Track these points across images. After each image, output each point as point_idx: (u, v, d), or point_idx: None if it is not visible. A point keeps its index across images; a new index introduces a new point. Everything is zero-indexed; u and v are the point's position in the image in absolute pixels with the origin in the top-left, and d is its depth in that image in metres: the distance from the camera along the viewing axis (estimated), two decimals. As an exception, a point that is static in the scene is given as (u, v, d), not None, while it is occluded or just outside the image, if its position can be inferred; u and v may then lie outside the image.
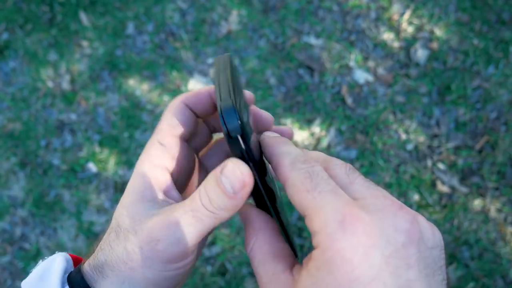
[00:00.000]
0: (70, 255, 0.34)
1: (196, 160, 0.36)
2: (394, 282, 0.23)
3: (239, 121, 0.26)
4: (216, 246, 1.43)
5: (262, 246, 0.30)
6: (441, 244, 0.26)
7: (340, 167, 0.29)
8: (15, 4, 1.76)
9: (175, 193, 0.32)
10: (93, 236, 1.45)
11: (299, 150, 0.30)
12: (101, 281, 0.30)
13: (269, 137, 0.32)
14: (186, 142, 0.34)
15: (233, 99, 0.27)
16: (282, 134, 0.34)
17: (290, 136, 0.36)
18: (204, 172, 0.37)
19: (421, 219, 0.25)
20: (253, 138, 0.30)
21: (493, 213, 1.44)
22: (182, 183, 0.35)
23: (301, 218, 1.46)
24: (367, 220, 0.24)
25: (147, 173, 0.31)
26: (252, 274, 1.41)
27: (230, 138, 0.27)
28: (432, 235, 0.25)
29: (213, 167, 0.31)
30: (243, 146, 0.27)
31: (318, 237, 0.24)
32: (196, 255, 0.32)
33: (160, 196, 0.31)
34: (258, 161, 0.30)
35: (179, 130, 0.33)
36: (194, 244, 0.29)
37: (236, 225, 1.44)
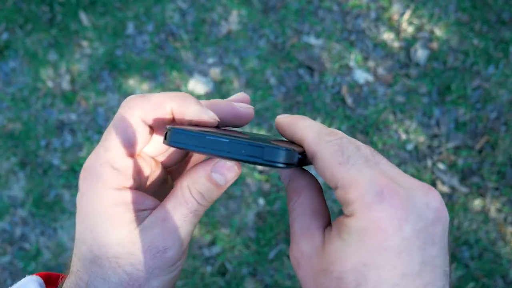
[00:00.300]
0: (40, 275, 0.34)
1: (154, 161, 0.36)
2: (419, 256, 0.24)
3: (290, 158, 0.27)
4: (216, 246, 1.43)
5: (305, 202, 0.30)
6: (448, 227, 0.27)
7: (365, 148, 0.29)
8: (15, 4, 1.76)
9: (148, 202, 0.32)
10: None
11: (319, 123, 0.31)
12: None
13: (285, 117, 0.32)
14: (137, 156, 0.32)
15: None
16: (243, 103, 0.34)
17: (247, 101, 0.35)
18: (162, 169, 0.36)
19: (444, 203, 0.27)
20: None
21: (493, 213, 1.44)
22: (147, 187, 0.34)
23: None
24: (403, 194, 0.25)
25: (112, 199, 0.30)
26: (252, 274, 1.41)
27: (288, 165, 0.28)
28: (448, 218, 0.27)
29: (170, 161, 0.35)
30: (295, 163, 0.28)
31: (354, 205, 0.25)
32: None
33: (139, 207, 0.31)
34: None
35: (132, 149, 0.31)
36: (191, 237, 0.32)
37: (236, 225, 1.44)
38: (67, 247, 1.44)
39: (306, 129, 0.30)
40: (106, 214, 0.30)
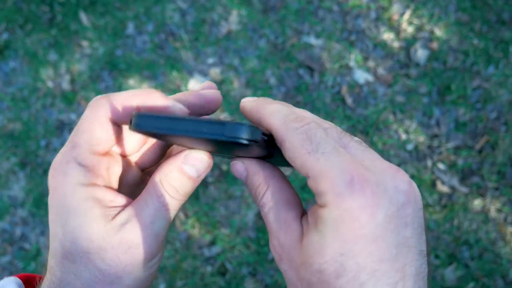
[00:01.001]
0: (19, 276, 0.34)
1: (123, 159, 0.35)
2: (394, 239, 0.25)
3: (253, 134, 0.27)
4: (216, 246, 1.43)
5: (275, 193, 0.30)
6: (422, 206, 0.27)
7: (332, 130, 0.29)
8: (15, 4, 1.76)
9: (120, 199, 0.31)
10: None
11: (286, 107, 0.30)
12: None
13: (250, 101, 0.31)
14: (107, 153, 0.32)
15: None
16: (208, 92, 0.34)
17: (214, 87, 0.35)
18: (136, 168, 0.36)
19: (414, 182, 0.27)
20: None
21: (493, 213, 1.44)
22: (121, 187, 0.34)
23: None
24: (373, 180, 0.25)
25: (81, 195, 0.29)
26: (252, 274, 1.41)
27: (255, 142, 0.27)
28: (419, 196, 0.27)
29: (145, 162, 0.34)
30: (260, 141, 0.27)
31: (326, 197, 0.25)
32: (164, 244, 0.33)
33: (109, 204, 0.30)
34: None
35: (99, 147, 0.31)
36: (166, 233, 0.31)
37: (236, 225, 1.44)
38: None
39: (272, 115, 0.29)
40: (75, 209, 0.29)
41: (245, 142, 0.26)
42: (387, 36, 1.66)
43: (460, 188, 1.47)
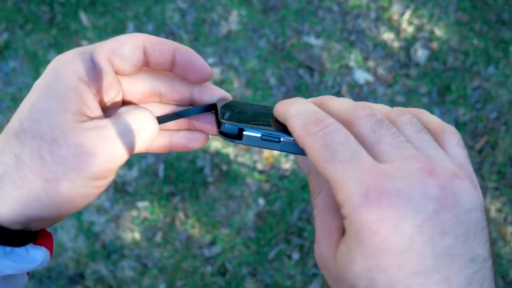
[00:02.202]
0: None
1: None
2: (430, 251, 0.23)
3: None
4: (216, 246, 1.43)
5: (326, 197, 0.28)
6: (481, 205, 0.25)
7: (365, 121, 0.26)
8: (15, 4, 1.76)
9: (98, 112, 0.31)
10: (93, 236, 1.45)
11: (310, 106, 0.28)
12: None
13: (280, 105, 0.30)
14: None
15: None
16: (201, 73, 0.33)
17: (209, 74, 0.34)
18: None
19: (457, 182, 0.24)
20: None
21: (493, 213, 1.44)
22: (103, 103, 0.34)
23: (301, 218, 1.45)
24: (392, 191, 0.23)
25: (71, 83, 0.29)
26: (252, 274, 1.41)
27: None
28: (469, 197, 0.24)
29: (138, 94, 0.34)
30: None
31: (345, 208, 0.24)
32: (114, 177, 0.32)
33: (86, 111, 0.29)
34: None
35: (123, 66, 0.31)
36: (123, 162, 0.30)
37: (236, 225, 1.44)
38: (67, 247, 1.44)
39: (293, 119, 0.28)
40: (57, 93, 0.28)
41: (221, 135, 0.30)
42: (387, 36, 1.66)
43: (460, 188, 1.47)
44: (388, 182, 0.23)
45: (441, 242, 0.23)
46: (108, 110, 0.33)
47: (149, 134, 0.31)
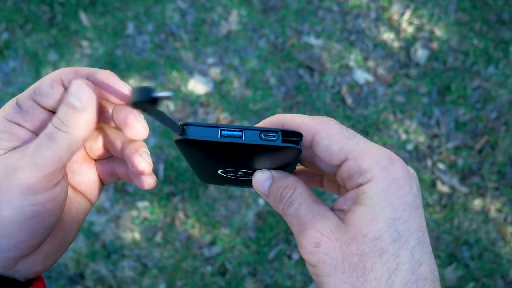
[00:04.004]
0: None
1: None
2: (422, 206, 0.30)
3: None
4: (216, 246, 1.43)
5: (303, 193, 0.32)
6: None
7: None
8: (15, 4, 1.76)
9: (28, 136, 0.32)
10: (93, 236, 1.45)
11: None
12: None
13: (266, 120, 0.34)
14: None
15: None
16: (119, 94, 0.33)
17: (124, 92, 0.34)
18: None
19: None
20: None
21: (493, 213, 1.44)
22: None
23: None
24: (402, 160, 0.30)
25: (1, 125, 0.31)
26: (252, 274, 1.41)
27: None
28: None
29: None
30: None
31: (372, 171, 0.29)
32: (63, 189, 0.31)
33: (11, 139, 0.31)
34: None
35: (46, 101, 0.32)
36: (54, 169, 0.30)
37: (236, 225, 1.44)
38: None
39: (297, 116, 0.32)
40: None
41: (297, 146, 0.30)
42: (387, 36, 1.66)
43: (460, 188, 1.47)
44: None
45: (422, 208, 0.30)
46: None
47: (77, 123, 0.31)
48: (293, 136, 0.30)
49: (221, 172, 0.37)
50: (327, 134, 0.30)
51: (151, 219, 1.46)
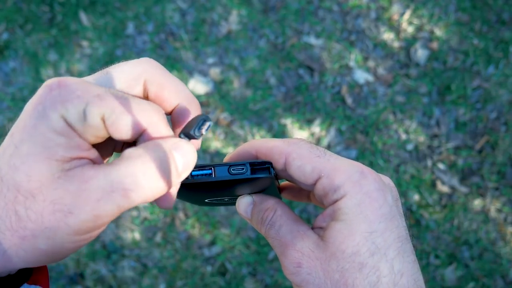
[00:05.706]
0: None
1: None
2: (402, 220, 0.30)
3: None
4: (216, 246, 1.43)
5: (284, 214, 0.32)
6: None
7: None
8: (15, 4, 1.76)
9: (93, 152, 0.27)
10: (93, 236, 1.45)
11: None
12: None
13: (236, 151, 0.35)
14: None
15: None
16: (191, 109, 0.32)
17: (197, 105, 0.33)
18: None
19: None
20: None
21: (493, 213, 1.44)
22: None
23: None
24: (374, 172, 0.30)
25: (59, 126, 0.25)
26: (252, 274, 1.41)
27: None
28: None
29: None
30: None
31: (345, 187, 0.29)
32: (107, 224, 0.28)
33: (73, 154, 0.26)
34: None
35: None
36: (111, 220, 0.26)
37: (236, 225, 1.44)
38: (67, 247, 1.45)
39: (268, 141, 0.33)
40: (43, 136, 0.25)
41: (268, 175, 0.31)
42: (387, 36, 1.66)
43: (460, 188, 1.47)
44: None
45: (401, 218, 0.30)
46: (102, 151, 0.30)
47: (148, 190, 0.27)
48: (262, 165, 0.31)
49: (208, 200, 0.39)
50: (298, 155, 0.31)
51: (151, 219, 1.46)
